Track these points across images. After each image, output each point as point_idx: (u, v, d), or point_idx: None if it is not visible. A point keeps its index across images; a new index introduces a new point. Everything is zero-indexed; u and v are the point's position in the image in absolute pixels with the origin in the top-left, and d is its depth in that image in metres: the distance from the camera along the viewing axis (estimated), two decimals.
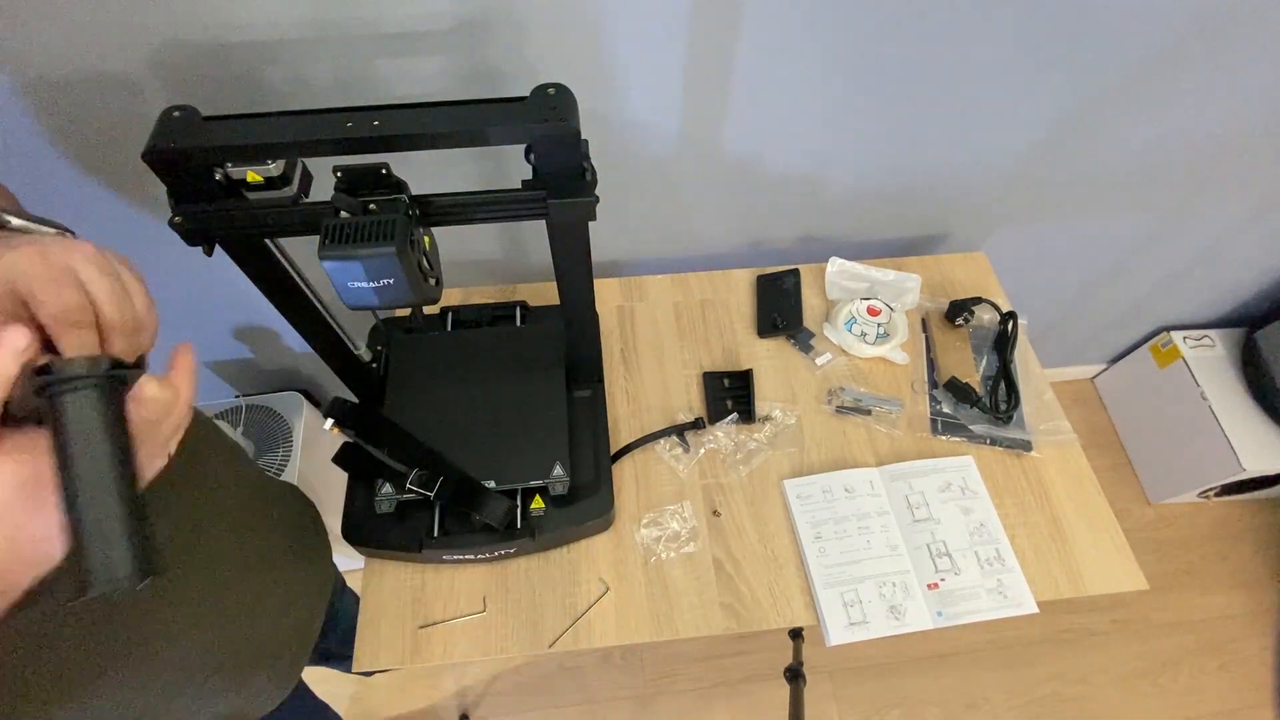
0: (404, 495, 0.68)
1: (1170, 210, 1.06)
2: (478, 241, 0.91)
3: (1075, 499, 0.79)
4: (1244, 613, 1.47)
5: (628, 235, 0.94)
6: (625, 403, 0.85)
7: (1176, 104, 0.83)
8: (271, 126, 0.43)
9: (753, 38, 0.67)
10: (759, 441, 0.81)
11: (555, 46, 0.65)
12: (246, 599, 0.55)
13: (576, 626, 0.70)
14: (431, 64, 0.65)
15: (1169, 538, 1.55)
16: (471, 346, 0.79)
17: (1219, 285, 1.34)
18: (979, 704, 1.36)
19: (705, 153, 0.81)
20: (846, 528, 0.75)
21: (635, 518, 0.76)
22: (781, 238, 0.99)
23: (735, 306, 0.93)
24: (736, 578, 0.73)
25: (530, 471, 0.70)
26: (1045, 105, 0.81)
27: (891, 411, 0.84)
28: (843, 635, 0.69)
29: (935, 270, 0.97)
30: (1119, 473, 1.63)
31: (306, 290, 0.59)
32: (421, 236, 0.47)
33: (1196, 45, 0.75)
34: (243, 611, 0.55)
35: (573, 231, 0.53)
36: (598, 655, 1.39)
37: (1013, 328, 0.88)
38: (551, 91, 0.46)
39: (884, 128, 0.82)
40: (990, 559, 0.74)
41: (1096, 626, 1.44)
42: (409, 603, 0.71)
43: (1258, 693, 1.38)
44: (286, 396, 1.14)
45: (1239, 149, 0.93)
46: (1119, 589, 0.73)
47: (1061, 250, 1.13)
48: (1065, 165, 0.92)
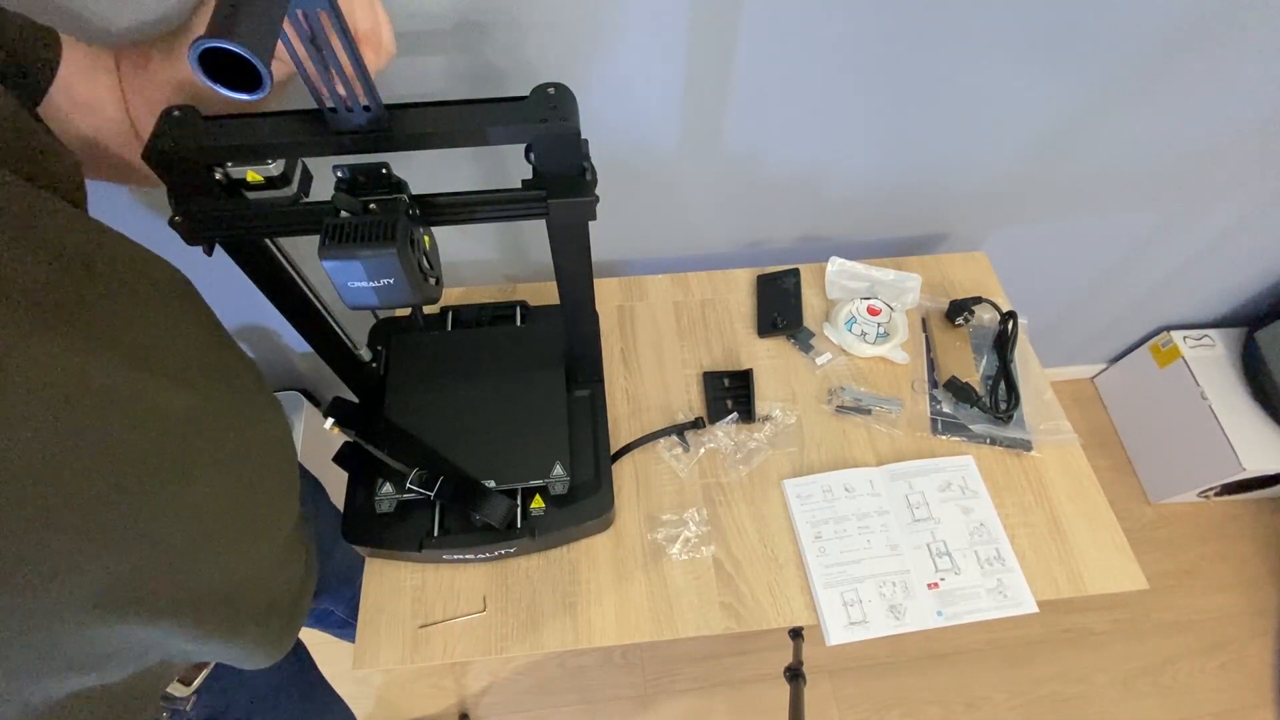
0: (404, 495, 0.68)
1: (1170, 210, 1.06)
2: (478, 241, 0.91)
3: (1075, 499, 0.79)
4: (1244, 613, 1.47)
5: (628, 235, 0.94)
6: (625, 402, 0.85)
7: (1177, 104, 0.83)
8: (271, 126, 0.43)
9: (753, 37, 0.67)
10: (759, 441, 0.81)
11: (555, 46, 0.65)
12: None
13: (577, 626, 0.70)
14: (431, 64, 0.65)
15: (1169, 538, 1.55)
16: (471, 346, 0.79)
17: (1219, 285, 1.34)
18: (979, 704, 1.36)
19: (705, 152, 0.81)
20: (846, 527, 0.75)
21: (639, 518, 0.76)
22: (781, 238, 0.99)
23: (735, 306, 0.93)
24: (736, 577, 0.73)
25: (530, 471, 0.70)
26: (1045, 105, 0.81)
27: (891, 411, 0.84)
28: (843, 635, 0.69)
29: (935, 270, 0.97)
30: (1119, 473, 1.63)
31: (306, 290, 0.59)
32: (421, 236, 0.47)
33: (1196, 45, 0.75)
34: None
35: (573, 231, 0.53)
36: (598, 655, 1.39)
37: (1013, 328, 0.88)
38: (551, 91, 0.46)
39: (884, 127, 0.82)
40: (990, 559, 0.74)
41: (1096, 626, 1.44)
42: (409, 602, 0.71)
43: (1258, 693, 1.38)
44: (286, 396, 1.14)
45: (1239, 149, 0.93)
46: (1119, 589, 0.73)
47: (1061, 250, 1.13)
48: (1065, 165, 0.92)
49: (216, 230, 0.47)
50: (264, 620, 0.53)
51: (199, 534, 0.43)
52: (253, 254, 0.52)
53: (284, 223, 0.47)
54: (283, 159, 0.45)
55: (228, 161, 0.44)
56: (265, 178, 0.45)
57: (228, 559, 0.47)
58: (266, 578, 0.53)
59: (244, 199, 0.46)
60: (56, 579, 0.34)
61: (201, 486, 0.43)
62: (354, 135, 0.43)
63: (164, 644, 0.44)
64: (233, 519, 0.47)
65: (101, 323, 0.38)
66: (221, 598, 0.47)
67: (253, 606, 0.51)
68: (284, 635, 0.56)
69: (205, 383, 0.45)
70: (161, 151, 0.42)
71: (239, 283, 0.55)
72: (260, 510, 0.51)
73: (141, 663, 0.43)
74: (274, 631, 0.54)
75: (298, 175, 0.47)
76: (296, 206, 0.47)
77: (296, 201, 0.47)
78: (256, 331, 1.03)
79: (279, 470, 0.54)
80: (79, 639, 0.37)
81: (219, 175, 0.45)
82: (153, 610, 0.41)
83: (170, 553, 0.41)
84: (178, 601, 0.42)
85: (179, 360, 0.43)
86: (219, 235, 0.48)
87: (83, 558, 0.35)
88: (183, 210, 0.45)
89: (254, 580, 0.51)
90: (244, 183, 0.45)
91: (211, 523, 0.44)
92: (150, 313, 0.42)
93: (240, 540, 0.48)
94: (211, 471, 0.44)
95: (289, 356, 1.11)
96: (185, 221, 0.46)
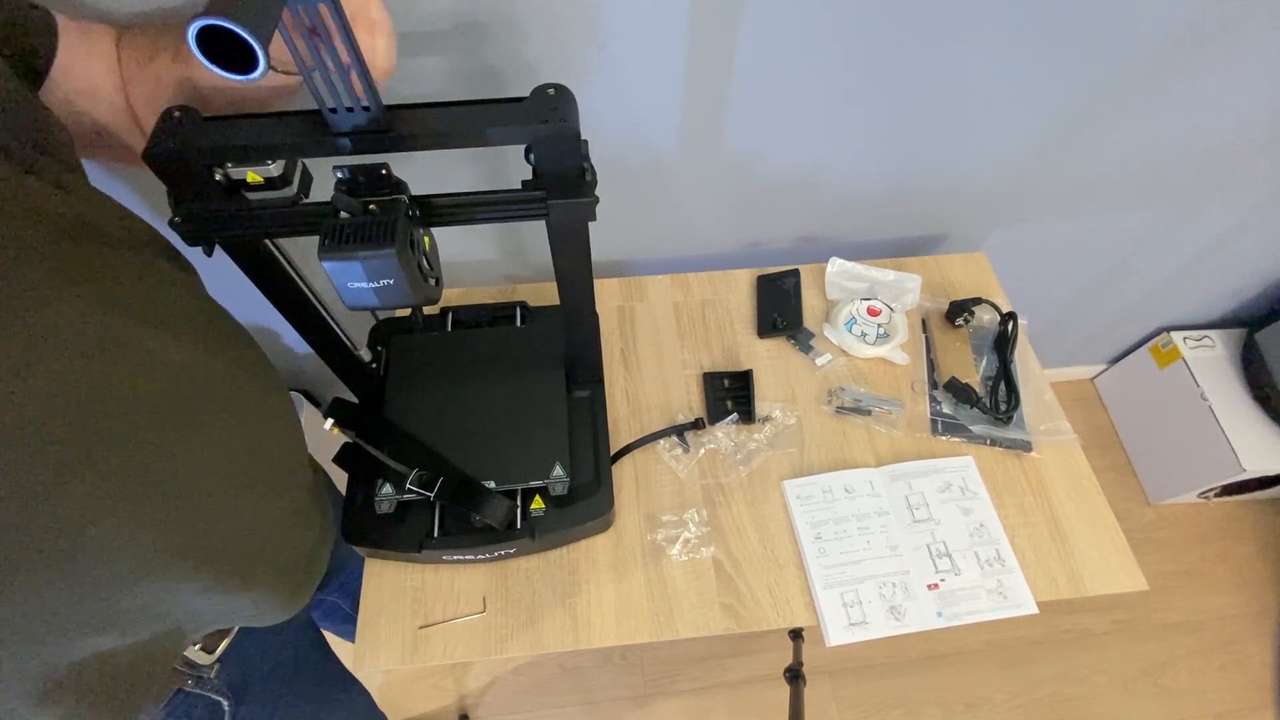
0: (404, 495, 0.68)
1: (1170, 210, 1.06)
2: (478, 241, 0.91)
3: (1075, 499, 0.79)
4: (1244, 613, 1.47)
5: (628, 235, 0.94)
6: (625, 403, 0.85)
7: (1177, 104, 0.83)
8: (271, 126, 0.43)
9: (753, 38, 0.67)
10: (759, 442, 0.81)
11: (555, 46, 0.65)
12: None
13: (577, 627, 0.70)
14: (431, 64, 0.65)
15: (1169, 538, 1.55)
16: (471, 346, 0.79)
17: (1219, 285, 1.34)
18: (979, 704, 1.36)
19: (705, 153, 0.81)
20: (846, 528, 0.75)
21: (638, 519, 0.76)
22: (781, 238, 0.99)
23: (735, 306, 0.93)
24: (736, 578, 0.73)
25: (530, 472, 0.70)
26: (1045, 105, 0.81)
27: (891, 412, 0.84)
28: (843, 636, 0.69)
29: (935, 270, 0.97)
30: (1119, 473, 1.63)
31: (306, 290, 0.59)
32: (421, 237, 0.47)
33: (1196, 45, 0.75)
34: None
35: (573, 231, 0.53)
36: (598, 655, 1.40)
37: (1013, 328, 0.88)
38: (551, 92, 0.46)
39: (884, 128, 0.82)
40: (990, 559, 0.74)
41: (1096, 626, 1.44)
42: (409, 603, 0.71)
43: (1258, 693, 1.38)
44: None
45: (1239, 149, 0.93)
46: (1119, 589, 0.73)
47: (1061, 250, 1.13)
48: (1065, 165, 0.92)
49: (216, 231, 0.47)
50: (279, 576, 0.53)
51: (211, 484, 0.44)
52: (253, 254, 0.52)
53: (284, 223, 0.47)
54: (283, 160, 0.45)
55: (228, 162, 0.44)
56: (265, 178, 0.45)
57: (240, 512, 0.47)
58: (281, 535, 0.53)
59: (244, 200, 0.46)
60: (77, 524, 0.35)
61: (209, 435, 0.44)
62: (354, 136, 0.43)
63: (178, 599, 0.44)
64: (243, 470, 0.47)
65: (101, 280, 0.39)
66: (236, 551, 0.47)
67: (268, 562, 0.51)
68: (298, 593, 0.56)
69: (200, 336, 0.46)
70: (161, 152, 0.42)
71: (239, 283, 0.55)
72: (269, 463, 0.51)
73: (157, 622, 0.44)
74: (289, 588, 0.55)
75: (298, 176, 0.47)
76: (296, 207, 0.47)
77: (296, 202, 0.47)
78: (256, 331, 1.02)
79: (282, 424, 0.55)
80: (97, 591, 0.38)
81: (219, 176, 0.45)
82: (168, 560, 0.41)
83: (183, 502, 0.42)
84: (193, 552, 0.43)
85: (172, 314, 0.44)
86: (219, 236, 0.48)
87: (101, 506, 0.36)
88: (183, 211, 0.45)
89: (268, 536, 0.51)
90: (244, 183, 0.45)
91: (223, 473, 0.45)
92: (143, 271, 0.43)
93: (252, 493, 0.49)
94: (217, 422, 0.45)
95: (289, 356, 1.11)
96: (185, 222, 0.46)
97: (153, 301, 0.43)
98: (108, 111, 0.48)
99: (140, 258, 0.44)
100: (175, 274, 0.47)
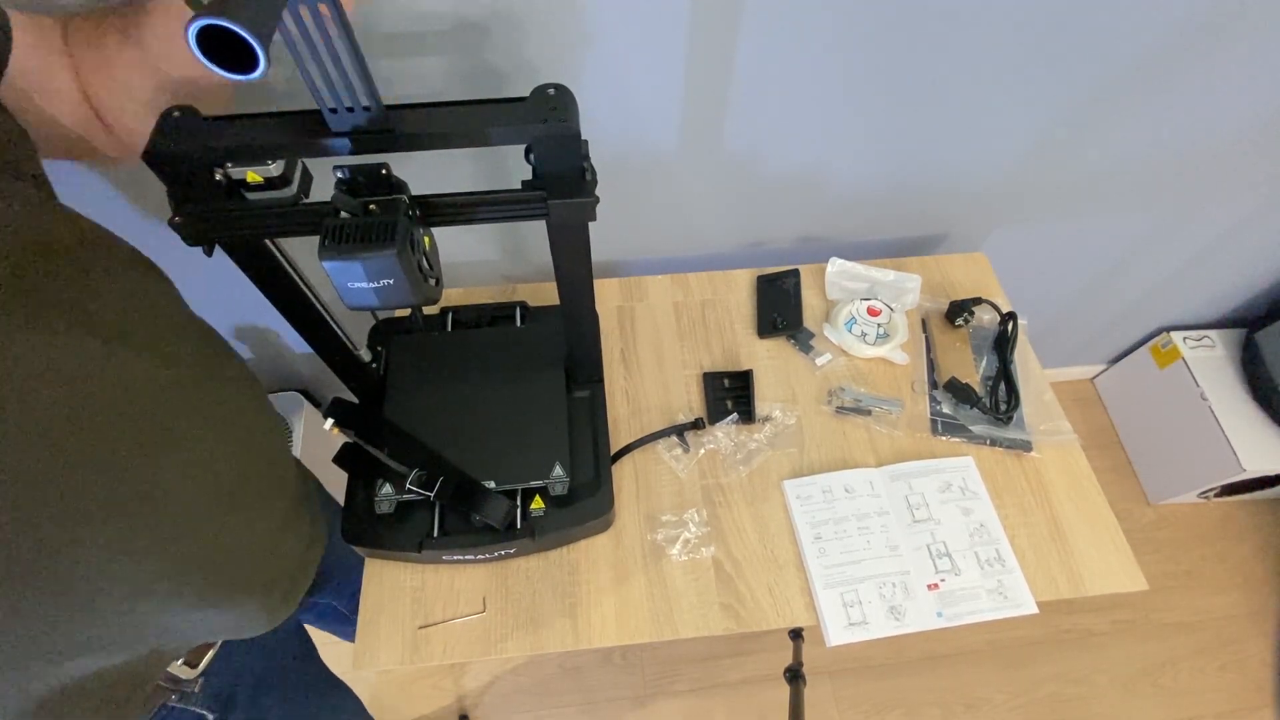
0: (404, 495, 0.68)
1: (1170, 210, 1.06)
2: (478, 241, 0.91)
3: (1075, 499, 0.79)
4: (1244, 613, 1.47)
5: (628, 235, 0.94)
6: (625, 403, 0.85)
7: (1176, 104, 0.83)
8: (271, 126, 0.43)
9: (753, 38, 0.67)
10: (759, 442, 0.81)
11: (555, 46, 0.65)
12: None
13: (577, 627, 0.70)
14: (431, 64, 0.65)
15: (1169, 538, 1.55)
16: (471, 346, 0.79)
17: (1219, 285, 1.34)
18: (979, 704, 1.36)
19: (705, 153, 0.81)
20: (846, 528, 0.75)
21: (638, 519, 0.76)
22: (781, 238, 0.99)
23: (735, 306, 0.93)
24: (736, 578, 0.73)
25: (530, 471, 0.70)
26: (1045, 105, 0.81)
27: (891, 412, 0.84)
28: (843, 636, 0.69)
29: (935, 270, 0.97)
30: (1119, 473, 1.63)
31: (306, 290, 0.59)
32: (421, 237, 0.47)
33: (1196, 45, 0.75)
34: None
35: (573, 231, 0.53)
36: (598, 655, 1.40)
37: (1013, 328, 0.88)
38: (551, 92, 0.46)
39: (884, 128, 0.82)
40: (990, 559, 0.74)
41: (1096, 626, 1.44)
42: (409, 603, 0.71)
43: (1258, 693, 1.38)
44: (286, 396, 1.14)
45: (1239, 149, 0.93)
46: (1119, 589, 0.73)
47: (1061, 250, 1.13)
48: (1065, 165, 0.92)
49: (216, 231, 0.47)
50: (266, 589, 0.53)
51: (196, 501, 0.44)
52: (253, 254, 0.52)
53: (284, 223, 0.47)
54: (283, 159, 0.45)
55: (228, 162, 0.44)
56: (265, 178, 0.45)
57: (227, 527, 0.47)
58: (268, 547, 0.53)
59: (244, 200, 0.46)
60: (61, 549, 0.35)
61: (192, 452, 0.44)
62: (354, 136, 0.43)
63: (164, 616, 0.44)
64: (228, 485, 0.47)
65: (69, 302, 0.39)
66: (223, 566, 0.47)
67: (255, 575, 0.51)
68: (284, 603, 0.56)
69: (178, 351, 0.46)
70: (161, 152, 0.42)
71: (239, 283, 0.55)
72: (255, 476, 0.51)
73: (141, 641, 0.44)
74: (275, 600, 0.55)
75: (298, 176, 0.47)
76: (296, 207, 0.47)
77: (297, 202, 0.47)
78: (256, 331, 1.03)
79: (266, 436, 0.55)
80: (80, 612, 0.38)
81: (219, 176, 0.45)
82: (154, 579, 0.41)
83: (168, 520, 0.42)
84: (179, 570, 0.43)
85: (149, 331, 0.44)
86: (219, 236, 0.48)
87: (85, 529, 0.36)
88: (183, 211, 0.45)
89: (255, 549, 0.51)
90: (244, 183, 0.45)
91: (207, 490, 0.45)
92: (114, 286, 0.43)
93: (237, 507, 0.48)
94: (199, 438, 0.45)
95: (289, 356, 1.11)
96: (185, 222, 0.46)
97: (128, 319, 0.42)
98: (66, 106, 0.46)
99: (113, 274, 0.43)
100: (151, 287, 0.47)
